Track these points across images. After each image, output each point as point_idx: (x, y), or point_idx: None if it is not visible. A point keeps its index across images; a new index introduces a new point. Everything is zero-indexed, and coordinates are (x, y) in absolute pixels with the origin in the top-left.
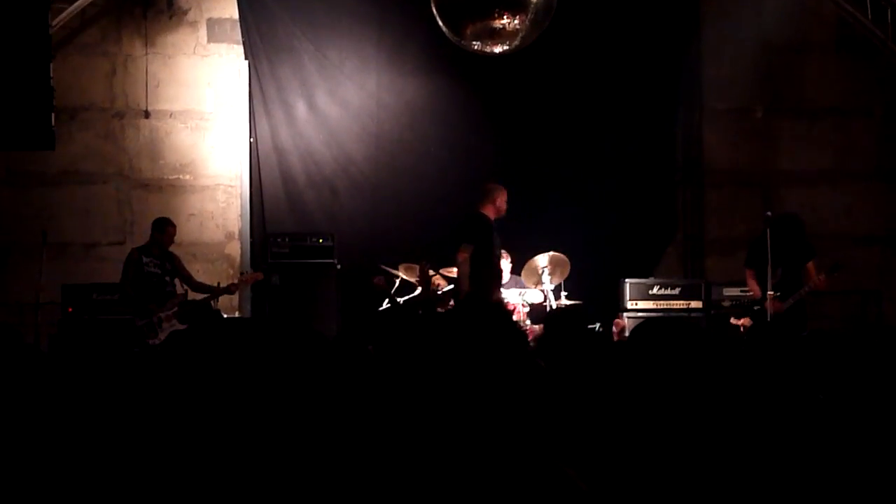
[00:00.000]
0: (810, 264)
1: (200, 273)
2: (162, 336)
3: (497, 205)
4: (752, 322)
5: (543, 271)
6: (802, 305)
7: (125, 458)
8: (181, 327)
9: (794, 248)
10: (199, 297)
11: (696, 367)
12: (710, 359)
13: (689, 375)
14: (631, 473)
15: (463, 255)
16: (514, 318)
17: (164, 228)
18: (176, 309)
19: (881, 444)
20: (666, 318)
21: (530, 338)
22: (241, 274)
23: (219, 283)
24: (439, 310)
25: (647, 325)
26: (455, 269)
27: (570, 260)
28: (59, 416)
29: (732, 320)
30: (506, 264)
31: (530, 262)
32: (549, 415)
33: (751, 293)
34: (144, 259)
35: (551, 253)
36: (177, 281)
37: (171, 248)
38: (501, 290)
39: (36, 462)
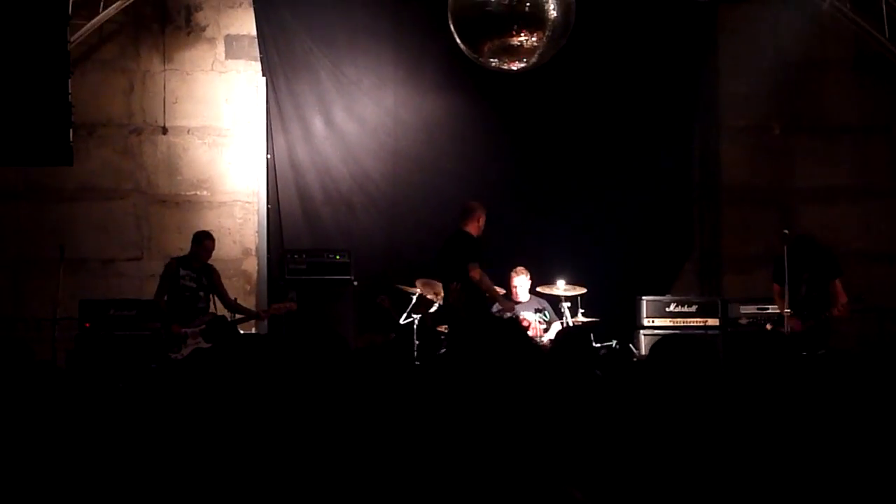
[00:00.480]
0: (837, 282)
1: None
2: (185, 352)
3: (480, 223)
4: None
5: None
6: (826, 325)
7: (139, 471)
8: (205, 346)
9: (818, 266)
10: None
11: (710, 383)
12: (723, 376)
13: (704, 392)
14: (643, 491)
15: (478, 271)
16: (531, 334)
17: (201, 241)
18: (203, 327)
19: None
20: (683, 335)
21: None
22: (276, 304)
23: (249, 309)
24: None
25: (665, 341)
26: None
27: (586, 276)
28: (72, 430)
29: (768, 326)
30: (525, 281)
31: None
32: (560, 431)
33: (777, 309)
34: (182, 271)
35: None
36: (212, 297)
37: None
38: (517, 308)
39: (48, 475)
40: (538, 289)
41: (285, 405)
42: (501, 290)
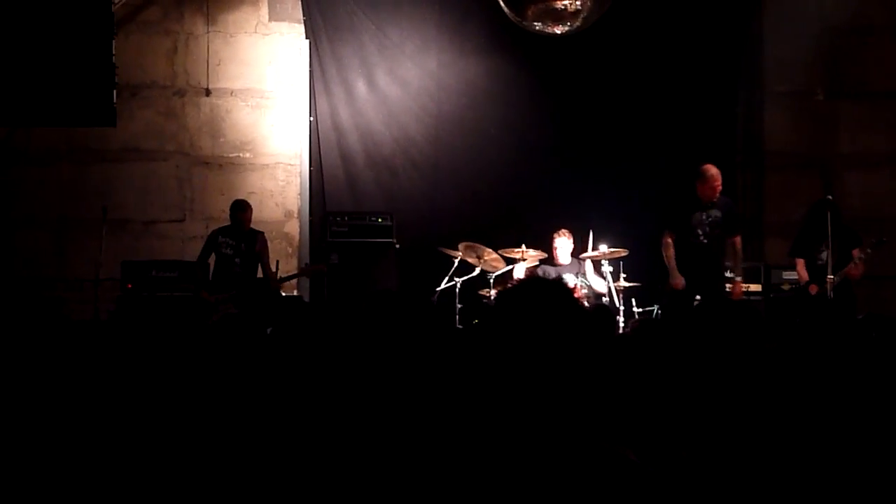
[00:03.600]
0: (856, 251)
1: None
2: (216, 317)
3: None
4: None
5: (603, 263)
6: (849, 288)
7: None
8: (234, 311)
9: (841, 234)
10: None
11: (754, 348)
12: (764, 342)
13: (747, 356)
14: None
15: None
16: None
17: (234, 213)
18: (233, 292)
19: None
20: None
21: None
22: (305, 265)
23: (278, 274)
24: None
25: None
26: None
27: (629, 240)
28: (101, 390)
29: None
30: (567, 243)
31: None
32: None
33: (800, 280)
34: (220, 238)
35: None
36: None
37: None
38: (560, 271)
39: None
40: (582, 255)
41: (322, 372)
42: (543, 254)
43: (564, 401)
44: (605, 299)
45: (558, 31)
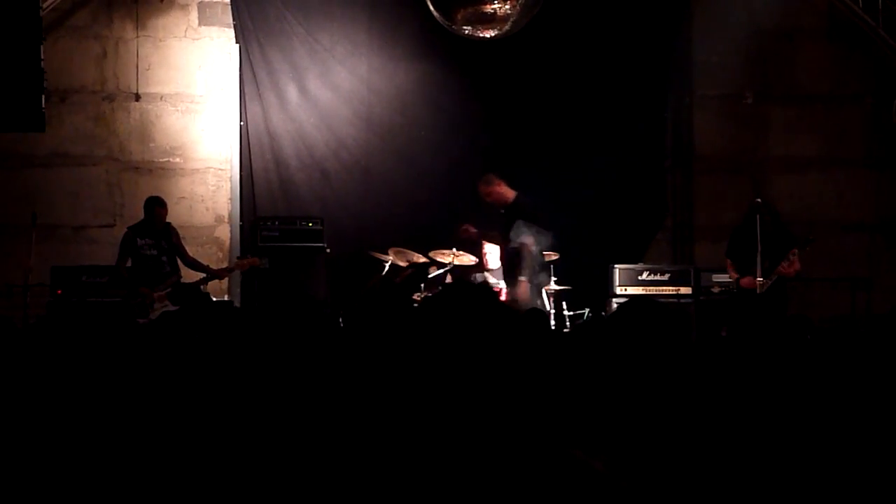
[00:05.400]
0: (794, 251)
1: None
2: (153, 316)
3: None
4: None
5: None
6: (783, 288)
7: (113, 440)
8: (173, 308)
9: (777, 236)
10: (195, 275)
11: (681, 349)
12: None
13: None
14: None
15: None
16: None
17: (153, 209)
18: (169, 290)
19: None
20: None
21: None
22: (237, 258)
23: (209, 266)
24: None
25: (633, 304)
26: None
27: (559, 244)
28: (46, 396)
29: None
30: (496, 249)
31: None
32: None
33: (730, 278)
34: (139, 241)
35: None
36: (177, 259)
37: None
38: (490, 276)
39: (27, 446)
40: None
41: (261, 372)
42: (474, 259)
43: (498, 400)
44: (538, 302)
45: (488, 35)
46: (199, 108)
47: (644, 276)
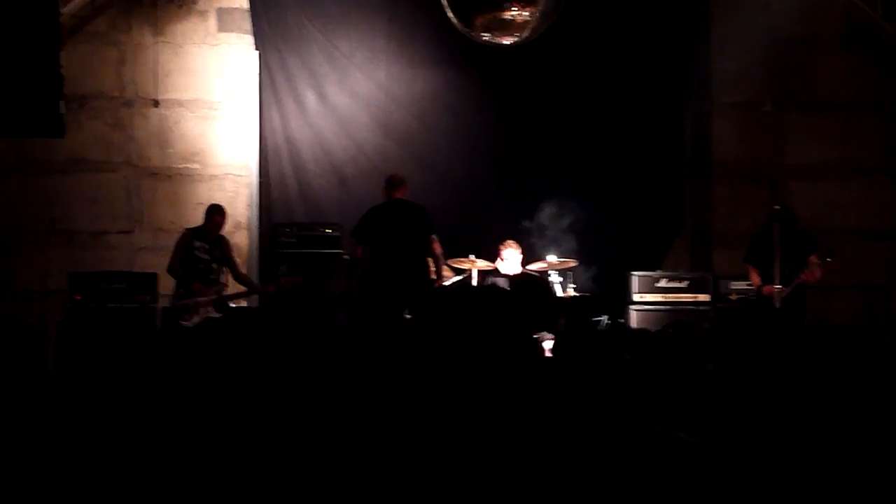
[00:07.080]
0: (812, 257)
1: None
2: (196, 319)
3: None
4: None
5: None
6: (802, 296)
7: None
8: (216, 315)
9: (796, 242)
10: (239, 288)
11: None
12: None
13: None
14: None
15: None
16: None
17: (211, 216)
18: (216, 297)
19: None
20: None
21: None
22: (282, 276)
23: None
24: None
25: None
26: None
27: (577, 251)
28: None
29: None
30: (513, 254)
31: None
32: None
33: (752, 284)
34: (196, 243)
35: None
36: (224, 269)
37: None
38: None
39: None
40: (529, 266)
41: (283, 377)
42: (492, 265)
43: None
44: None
45: (507, 42)
46: (217, 115)
47: (662, 283)
